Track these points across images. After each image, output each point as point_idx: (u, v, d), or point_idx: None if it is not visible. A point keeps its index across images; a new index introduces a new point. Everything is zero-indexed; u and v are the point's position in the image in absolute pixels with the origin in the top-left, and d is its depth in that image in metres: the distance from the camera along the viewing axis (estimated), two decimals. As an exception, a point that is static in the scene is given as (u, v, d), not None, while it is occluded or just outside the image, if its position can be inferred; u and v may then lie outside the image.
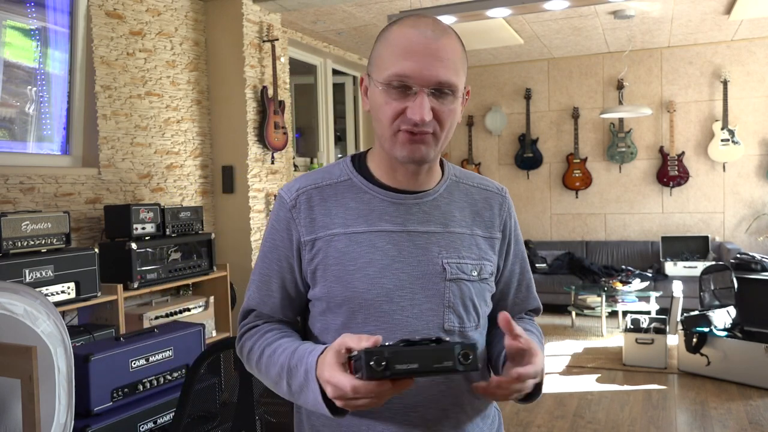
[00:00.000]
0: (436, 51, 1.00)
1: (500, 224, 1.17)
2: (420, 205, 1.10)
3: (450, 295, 1.07)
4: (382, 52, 1.04)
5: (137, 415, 2.42)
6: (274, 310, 1.14)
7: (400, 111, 1.01)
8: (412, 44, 1.00)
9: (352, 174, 1.12)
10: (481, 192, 1.18)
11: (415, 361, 0.86)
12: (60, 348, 1.93)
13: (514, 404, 3.89)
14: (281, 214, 1.12)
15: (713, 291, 4.65)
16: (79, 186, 3.53)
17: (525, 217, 7.07)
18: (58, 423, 1.90)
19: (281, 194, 1.13)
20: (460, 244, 1.10)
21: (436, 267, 1.07)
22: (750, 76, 6.22)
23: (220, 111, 4.47)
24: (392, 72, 1.00)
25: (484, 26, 5.29)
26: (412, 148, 1.03)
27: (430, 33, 1.01)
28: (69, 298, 2.93)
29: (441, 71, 1.00)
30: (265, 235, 1.16)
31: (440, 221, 1.10)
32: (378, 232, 1.07)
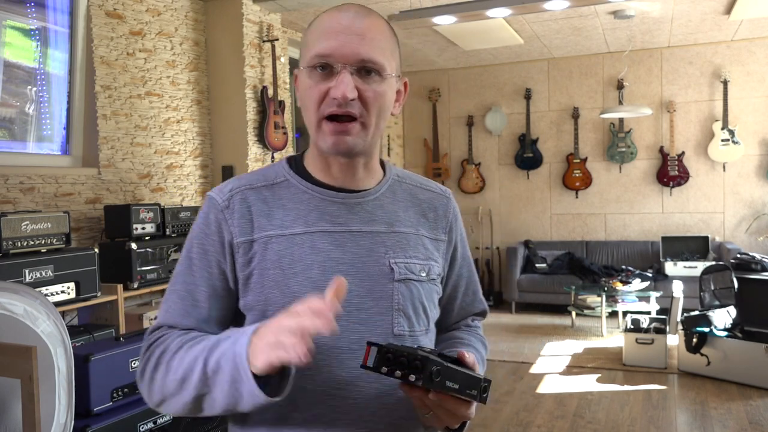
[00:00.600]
0: (359, 29, 0.96)
1: (446, 226, 1.13)
2: (362, 205, 1.04)
3: (399, 296, 1.01)
4: (306, 40, 1.01)
5: (137, 415, 2.42)
6: (199, 323, 1.01)
7: (324, 93, 0.96)
8: (334, 25, 0.97)
9: (289, 175, 1.06)
10: (425, 192, 1.14)
11: (458, 381, 0.86)
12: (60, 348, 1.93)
13: (514, 404, 3.89)
14: (211, 216, 1.02)
15: (713, 291, 4.65)
16: (79, 186, 3.53)
17: (525, 217, 7.07)
18: (58, 423, 1.90)
19: (211, 196, 1.04)
20: (406, 243, 1.05)
21: (383, 268, 1.01)
22: (750, 76, 6.22)
23: (220, 111, 4.47)
24: (313, 53, 0.97)
25: (484, 26, 5.29)
26: (336, 139, 0.97)
27: (352, 14, 0.98)
28: (69, 298, 2.93)
29: (363, 48, 0.96)
30: (190, 242, 1.04)
31: (385, 221, 1.05)
32: (318, 233, 1.00)
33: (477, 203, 7.22)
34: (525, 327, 5.91)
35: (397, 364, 0.83)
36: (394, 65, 1.01)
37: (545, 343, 5.29)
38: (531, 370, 4.60)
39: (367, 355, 0.86)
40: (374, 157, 1.08)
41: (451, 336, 1.18)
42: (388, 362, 0.84)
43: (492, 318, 6.32)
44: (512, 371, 4.57)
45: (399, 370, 0.83)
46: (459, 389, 0.86)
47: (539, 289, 6.34)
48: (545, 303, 6.40)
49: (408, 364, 0.82)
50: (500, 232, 7.17)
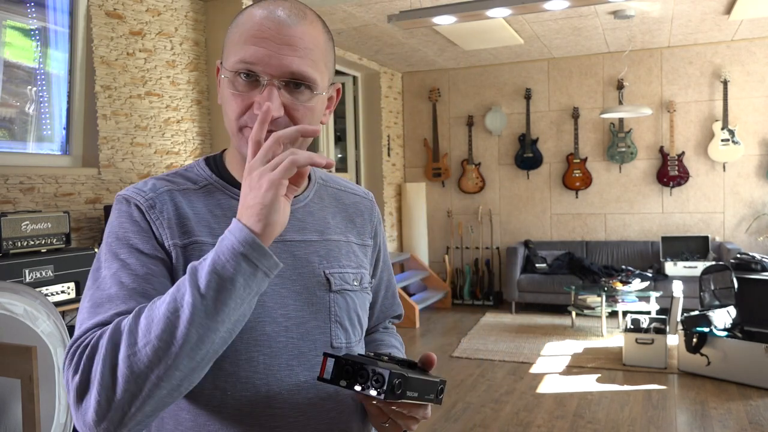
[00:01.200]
0: (290, 38, 0.87)
1: (371, 231, 1.10)
2: (293, 212, 0.98)
3: (336, 308, 0.97)
4: (231, 37, 0.91)
5: (137, 415, 2.41)
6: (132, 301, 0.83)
7: (248, 105, 0.89)
8: (262, 28, 0.87)
9: (211, 178, 0.97)
10: (350, 197, 1.10)
11: (416, 389, 0.85)
12: (60, 348, 1.93)
13: (514, 404, 3.89)
14: (136, 215, 0.90)
15: (713, 291, 4.65)
16: (79, 186, 3.54)
17: (525, 217, 7.07)
18: (58, 423, 1.90)
19: (128, 196, 0.92)
20: (338, 252, 1.01)
21: (319, 278, 0.96)
22: (750, 76, 6.22)
23: (220, 111, 4.47)
24: (238, 58, 0.88)
25: (484, 26, 5.29)
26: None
27: (284, 16, 0.88)
28: (69, 298, 2.93)
29: (294, 61, 0.87)
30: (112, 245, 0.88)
31: (316, 228, 1.00)
32: None
33: (477, 203, 7.22)
34: (525, 327, 5.91)
35: (356, 376, 0.81)
36: (327, 77, 0.94)
37: (545, 343, 5.29)
38: (531, 370, 4.60)
39: (324, 367, 0.82)
40: None
41: (372, 339, 1.18)
42: (347, 375, 0.81)
43: (492, 318, 6.32)
44: (512, 371, 4.57)
45: (359, 384, 0.80)
46: (419, 396, 0.85)
47: (539, 289, 6.34)
48: (545, 303, 6.40)
49: (368, 377, 0.80)
50: (500, 232, 7.17)
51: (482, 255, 7.16)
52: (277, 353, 0.91)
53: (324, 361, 0.83)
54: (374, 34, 5.54)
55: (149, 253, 0.88)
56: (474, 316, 6.46)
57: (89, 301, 0.84)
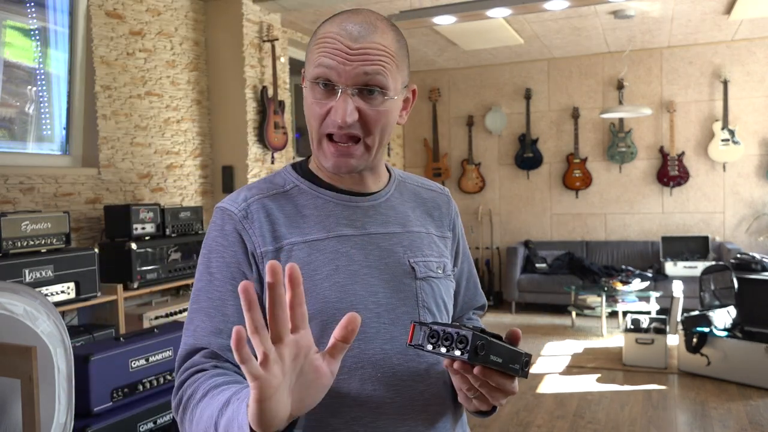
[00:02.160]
0: (363, 48, 0.94)
1: (449, 223, 1.16)
2: (376, 207, 1.06)
3: (423, 294, 1.03)
4: (310, 49, 0.99)
5: (137, 415, 2.41)
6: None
7: (326, 111, 0.96)
8: (338, 39, 0.95)
9: (299, 181, 1.05)
10: (428, 192, 1.17)
11: (500, 355, 0.87)
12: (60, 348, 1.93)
13: (514, 404, 3.89)
14: (228, 228, 0.99)
15: (713, 291, 4.65)
16: (79, 186, 3.54)
17: (525, 217, 7.07)
18: (57, 423, 1.90)
19: (224, 207, 1.01)
20: (420, 242, 1.07)
21: (405, 267, 1.03)
22: (750, 76, 6.22)
23: (220, 111, 4.47)
24: (315, 69, 0.96)
25: (484, 26, 5.29)
26: (338, 161, 0.98)
27: (357, 29, 0.95)
28: (69, 298, 2.93)
29: (367, 68, 0.94)
30: (206, 257, 1.00)
31: (398, 221, 1.07)
32: (339, 237, 1.00)
33: (477, 203, 7.22)
34: (525, 327, 5.91)
35: (441, 340, 0.85)
36: (400, 81, 1.00)
37: (545, 343, 5.29)
38: (531, 370, 4.61)
39: (412, 334, 0.88)
40: (381, 165, 1.10)
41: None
42: (433, 339, 0.85)
43: (492, 318, 6.32)
44: (512, 371, 4.57)
45: (444, 347, 0.84)
46: (503, 363, 0.87)
47: (539, 289, 6.34)
48: (545, 303, 6.40)
49: (453, 340, 0.84)
50: (500, 232, 7.17)
51: (482, 255, 7.16)
52: (370, 338, 0.97)
53: (412, 328, 0.88)
54: (374, 34, 5.53)
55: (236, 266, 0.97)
56: (474, 316, 6.46)
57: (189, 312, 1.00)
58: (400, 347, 0.98)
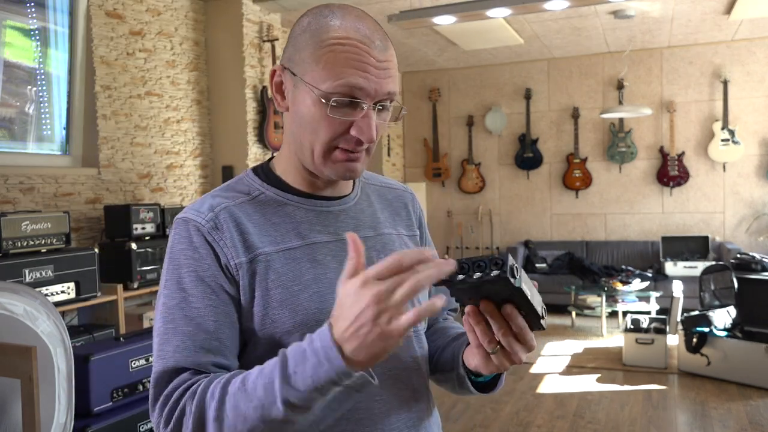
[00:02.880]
0: (386, 63, 0.91)
1: (416, 221, 1.15)
2: (346, 211, 1.03)
3: None
4: (319, 54, 0.90)
5: (137, 415, 2.41)
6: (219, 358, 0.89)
7: (345, 126, 0.91)
8: (362, 54, 0.89)
9: (263, 187, 0.99)
10: (392, 191, 1.14)
11: (530, 289, 0.84)
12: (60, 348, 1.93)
13: (514, 404, 3.89)
14: (197, 240, 0.91)
15: (713, 291, 4.65)
16: (79, 186, 3.53)
17: (525, 217, 7.07)
18: (57, 423, 1.90)
19: (187, 218, 0.93)
20: (393, 245, 1.05)
21: None
22: (750, 76, 6.22)
23: (220, 111, 4.47)
24: (341, 83, 0.88)
25: (484, 26, 5.29)
26: (346, 166, 0.94)
27: (378, 42, 0.91)
28: (69, 298, 2.93)
29: (390, 84, 0.91)
30: (175, 272, 0.91)
31: (369, 225, 1.04)
32: (314, 245, 0.96)
33: (477, 203, 7.22)
34: (525, 327, 5.91)
35: (473, 268, 0.79)
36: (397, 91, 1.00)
37: (545, 343, 5.29)
38: (531, 370, 4.60)
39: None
40: None
41: (436, 330, 1.18)
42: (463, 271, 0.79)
43: (492, 318, 6.31)
44: (512, 371, 4.57)
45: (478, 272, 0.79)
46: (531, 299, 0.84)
47: (539, 289, 6.21)
48: (545, 303, 6.38)
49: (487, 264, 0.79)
50: (500, 232, 7.17)
51: (482, 255, 7.16)
52: None
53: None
54: (374, 34, 5.53)
55: (212, 279, 0.91)
56: (474, 316, 6.46)
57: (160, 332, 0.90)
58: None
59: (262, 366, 0.81)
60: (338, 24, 0.91)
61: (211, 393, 0.82)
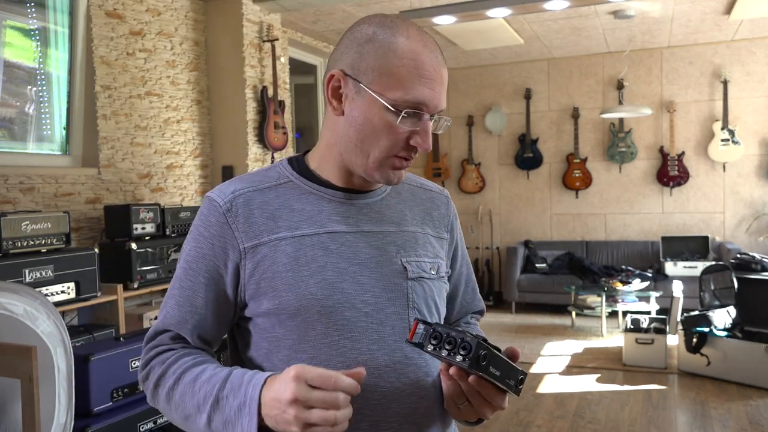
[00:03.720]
0: (443, 78, 0.97)
1: (447, 225, 1.14)
2: (371, 205, 1.04)
3: (413, 295, 1.01)
4: (389, 66, 0.94)
5: (137, 415, 2.41)
6: (198, 330, 1.00)
7: (407, 135, 0.96)
8: (429, 70, 0.94)
9: (293, 176, 1.04)
10: (425, 192, 1.15)
11: (499, 368, 0.86)
12: (60, 348, 1.93)
13: (514, 404, 3.89)
14: (212, 219, 0.99)
15: (713, 291, 4.65)
16: (79, 186, 3.53)
17: (525, 217, 7.07)
18: (58, 423, 1.90)
19: (211, 198, 1.01)
20: (415, 242, 1.05)
21: (397, 267, 1.01)
22: (750, 76, 6.22)
23: (220, 111, 4.47)
24: (412, 97, 0.93)
25: (484, 26, 5.29)
26: (398, 174, 0.99)
27: (440, 57, 0.97)
28: (69, 298, 2.93)
29: (444, 99, 0.98)
30: (187, 245, 1.01)
31: (393, 220, 1.05)
32: (330, 234, 0.99)
33: (477, 203, 7.22)
34: (525, 327, 5.91)
35: (444, 342, 0.83)
36: None
37: (545, 343, 5.29)
38: (531, 370, 4.60)
39: (413, 331, 0.86)
40: None
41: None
42: (435, 340, 0.84)
43: (492, 318, 6.32)
44: (512, 371, 4.57)
45: (446, 350, 0.83)
46: (500, 377, 0.86)
47: (539, 289, 6.34)
48: (545, 303, 6.40)
49: (456, 345, 0.82)
50: (500, 232, 7.17)
51: (482, 255, 7.16)
52: (357, 337, 0.96)
53: (415, 325, 0.87)
54: (374, 34, 5.53)
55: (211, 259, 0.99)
56: (474, 316, 6.46)
57: (167, 293, 1.03)
58: (387, 348, 0.97)
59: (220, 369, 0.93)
60: (407, 37, 0.95)
61: (173, 371, 0.96)
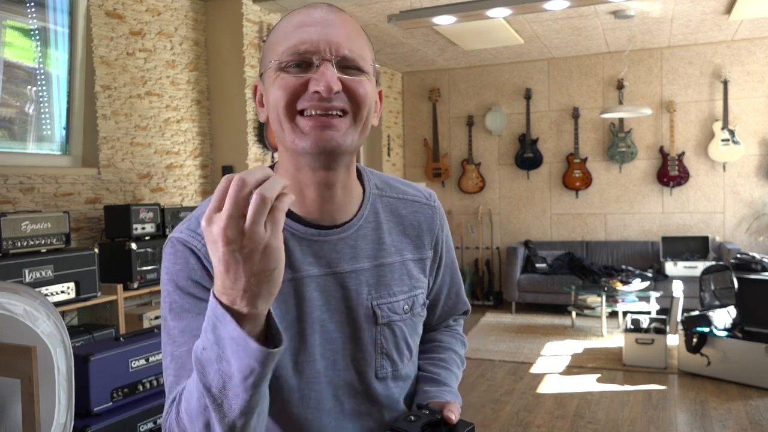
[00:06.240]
0: (336, 21, 0.86)
1: (432, 241, 1.06)
2: (346, 240, 0.95)
3: (382, 340, 0.97)
4: (272, 42, 0.88)
5: (137, 415, 2.42)
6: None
7: (300, 88, 0.84)
8: (306, 19, 0.86)
9: None
10: (408, 205, 1.04)
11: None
12: (60, 348, 1.93)
13: (514, 404, 3.89)
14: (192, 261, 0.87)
15: (713, 291, 4.65)
16: (79, 186, 3.53)
17: (525, 217, 7.07)
18: (57, 423, 1.90)
19: (182, 240, 0.88)
20: (390, 278, 0.98)
21: (367, 311, 0.95)
22: (750, 76, 6.22)
23: (220, 111, 4.47)
24: (285, 48, 0.84)
25: (484, 26, 5.29)
26: (320, 135, 0.84)
27: (325, 9, 0.88)
28: (69, 298, 2.93)
29: (343, 40, 0.85)
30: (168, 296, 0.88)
31: (369, 254, 0.97)
32: (305, 279, 0.91)
33: (477, 203, 7.22)
34: (525, 327, 5.91)
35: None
36: (371, 63, 0.91)
37: (545, 343, 5.29)
38: (531, 370, 4.60)
39: None
40: (353, 168, 0.97)
41: (432, 338, 1.18)
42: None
43: (492, 318, 6.32)
44: (512, 371, 4.57)
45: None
46: None
47: (539, 289, 6.34)
48: (545, 303, 6.40)
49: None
50: (500, 232, 7.17)
51: (482, 255, 7.16)
52: (325, 387, 0.93)
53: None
54: (374, 34, 5.53)
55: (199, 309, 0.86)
56: (474, 316, 6.46)
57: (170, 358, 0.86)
58: (353, 392, 0.96)
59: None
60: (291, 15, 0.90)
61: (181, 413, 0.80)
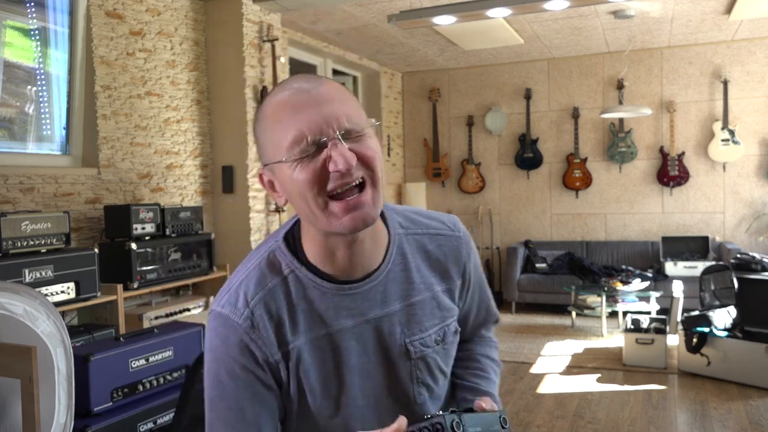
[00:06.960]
0: (323, 94, 0.89)
1: (459, 271, 1.10)
2: (376, 287, 1.00)
3: (418, 372, 1.04)
4: (269, 133, 0.92)
5: (137, 415, 2.41)
6: None
7: (320, 171, 0.88)
8: (295, 100, 0.89)
9: (293, 264, 0.98)
10: (433, 240, 1.08)
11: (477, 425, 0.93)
12: (60, 348, 1.93)
13: (514, 404, 3.89)
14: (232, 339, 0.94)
15: (713, 291, 4.65)
16: (79, 186, 3.53)
17: (525, 217, 7.07)
18: (57, 423, 1.90)
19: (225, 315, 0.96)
20: (422, 314, 1.04)
21: (401, 348, 1.02)
22: (750, 76, 6.22)
23: (220, 111, 4.47)
24: (291, 137, 0.88)
25: (484, 26, 5.29)
26: (352, 216, 0.89)
27: (305, 85, 0.90)
28: (69, 298, 2.93)
29: (340, 112, 0.88)
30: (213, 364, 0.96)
31: (399, 295, 1.02)
32: (340, 332, 0.98)
33: (477, 203, 7.22)
34: (525, 327, 5.91)
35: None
36: (365, 116, 0.95)
37: (545, 343, 5.29)
38: (531, 370, 4.60)
39: None
40: (379, 222, 1.02)
41: (466, 347, 1.22)
42: None
43: (492, 318, 6.31)
44: (512, 371, 4.57)
45: None
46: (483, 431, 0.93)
47: (539, 289, 6.34)
48: (545, 303, 6.40)
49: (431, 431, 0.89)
50: (500, 232, 7.17)
51: (482, 255, 7.16)
52: (369, 420, 1.00)
53: None
54: (374, 34, 5.53)
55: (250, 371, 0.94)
56: (474, 316, 6.46)
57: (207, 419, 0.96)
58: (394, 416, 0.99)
59: None
60: (270, 97, 0.93)
61: None
